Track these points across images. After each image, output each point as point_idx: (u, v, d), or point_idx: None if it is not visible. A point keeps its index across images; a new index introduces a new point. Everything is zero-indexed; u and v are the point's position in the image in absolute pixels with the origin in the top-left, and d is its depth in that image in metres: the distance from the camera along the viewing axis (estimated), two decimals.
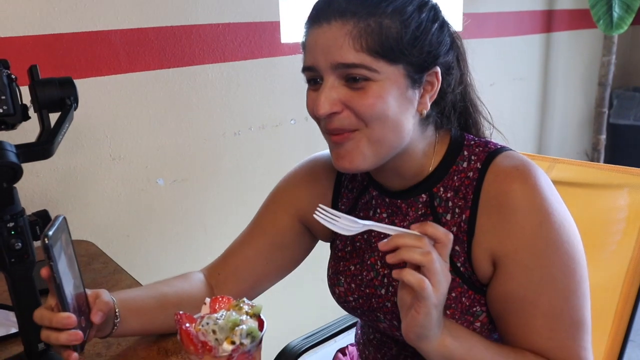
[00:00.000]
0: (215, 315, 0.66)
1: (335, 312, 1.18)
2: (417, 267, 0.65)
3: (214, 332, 0.63)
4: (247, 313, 0.66)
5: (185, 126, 1.59)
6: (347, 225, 0.71)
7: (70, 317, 0.67)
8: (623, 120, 3.20)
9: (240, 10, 1.61)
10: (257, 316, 0.67)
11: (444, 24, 0.76)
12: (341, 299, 0.92)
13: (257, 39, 1.68)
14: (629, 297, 1.09)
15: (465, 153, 0.80)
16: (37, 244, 0.80)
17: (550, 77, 2.98)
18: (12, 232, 0.74)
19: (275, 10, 1.69)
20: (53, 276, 0.65)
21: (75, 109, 0.78)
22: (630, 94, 3.26)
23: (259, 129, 1.75)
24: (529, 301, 0.74)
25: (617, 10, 2.40)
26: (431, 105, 0.77)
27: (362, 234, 0.87)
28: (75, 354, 0.69)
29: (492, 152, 0.79)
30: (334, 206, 0.93)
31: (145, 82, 1.47)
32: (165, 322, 0.89)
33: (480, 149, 0.80)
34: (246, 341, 0.63)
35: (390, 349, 0.92)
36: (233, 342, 0.63)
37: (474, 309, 0.79)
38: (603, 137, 2.96)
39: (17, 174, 0.67)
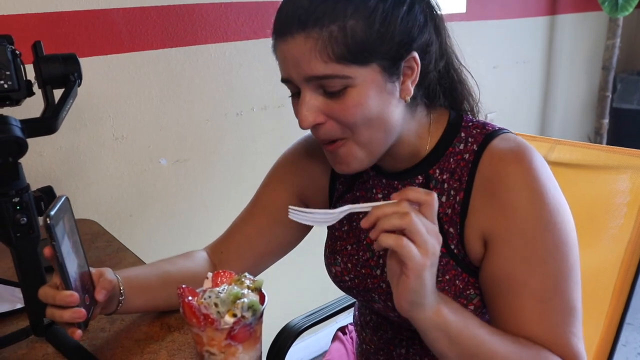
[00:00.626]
0: (217, 289, 0.67)
1: (335, 292, 1.19)
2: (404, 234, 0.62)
3: (215, 305, 0.65)
4: (248, 287, 0.68)
5: (187, 106, 1.59)
6: (323, 217, 0.68)
7: (72, 295, 0.68)
8: (626, 104, 3.19)
9: None
10: (258, 290, 0.68)
11: (413, 2, 0.71)
12: (337, 279, 0.93)
13: (260, 18, 1.67)
14: (626, 279, 1.10)
15: (463, 135, 0.80)
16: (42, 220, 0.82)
17: (554, 61, 2.97)
18: (18, 207, 0.75)
19: None
20: (55, 255, 0.66)
21: (79, 85, 0.79)
22: (635, 78, 3.24)
23: (261, 110, 1.76)
24: (518, 282, 0.73)
25: None
26: (416, 87, 0.75)
27: (357, 213, 0.88)
28: (79, 331, 0.70)
29: (489, 134, 0.78)
30: (332, 184, 0.93)
31: (147, 61, 1.47)
32: (168, 300, 0.91)
33: (478, 130, 0.79)
34: (247, 314, 0.64)
35: (386, 332, 0.93)
36: (234, 315, 0.64)
37: (468, 291, 0.79)
38: (606, 121, 2.95)
39: (23, 148, 0.68)
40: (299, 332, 1.21)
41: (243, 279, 0.69)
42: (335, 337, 1.23)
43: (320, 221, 0.69)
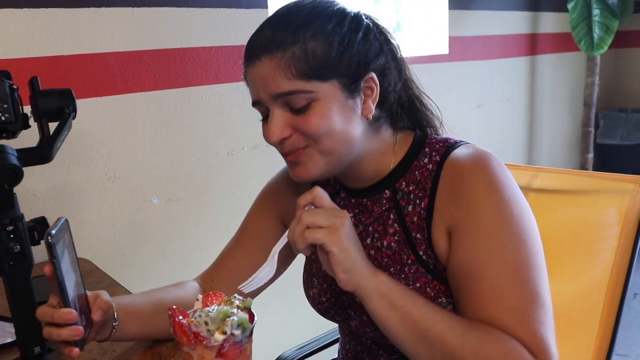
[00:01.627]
0: (207, 308, 0.68)
1: (327, 324, 1.20)
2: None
3: (206, 323, 0.66)
4: (238, 307, 0.69)
5: (179, 146, 1.62)
6: (265, 273, 0.76)
7: (71, 312, 0.70)
8: (610, 140, 3.27)
9: (233, 34, 1.67)
10: (247, 310, 0.69)
11: (368, 31, 0.79)
12: (315, 301, 0.95)
13: None
14: (613, 301, 1.12)
15: (427, 150, 0.85)
16: (35, 248, 0.83)
17: (537, 98, 3.06)
18: (11, 236, 0.77)
19: None
20: (55, 273, 0.68)
21: (74, 118, 0.82)
22: (616, 114, 3.34)
23: (252, 149, 1.79)
24: (476, 268, 0.74)
25: (597, 32, 2.49)
26: (378, 107, 0.81)
27: None
28: (76, 349, 0.72)
29: (451, 145, 0.83)
30: None
31: (140, 102, 1.52)
32: (162, 327, 0.91)
33: (441, 144, 0.84)
34: (237, 332, 0.66)
35: None
36: (224, 332, 0.65)
37: (440, 299, 0.80)
38: (590, 156, 3.01)
39: (19, 176, 0.71)
40: None
41: (232, 299, 0.70)
42: None
43: (265, 278, 0.76)
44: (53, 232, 0.67)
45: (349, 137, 0.78)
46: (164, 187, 1.61)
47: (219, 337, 0.65)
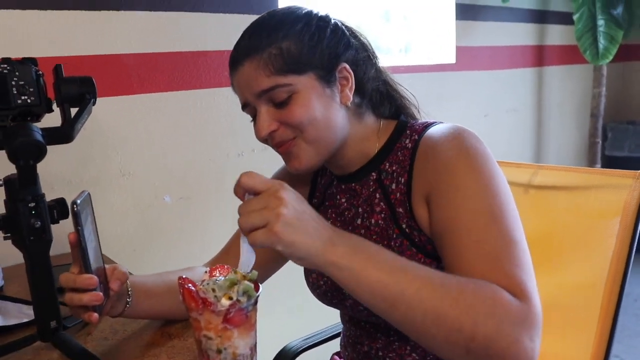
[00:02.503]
0: (215, 277, 0.73)
1: (333, 317, 1.23)
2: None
3: (213, 290, 0.70)
4: (244, 277, 0.73)
5: (191, 146, 1.68)
6: (246, 257, 0.74)
7: (92, 277, 0.75)
8: (618, 152, 3.28)
9: None
10: (253, 281, 0.73)
11: (336, 27, 0.87)
12: (314, 286, 0.99)
13: None
14: (612, 293, 1.14)
15: (408, 132, 0.90)
16: (54, 227, 0.88)
17: (544, 110, 3.09)
18: (33, 212, 0.81)
19: None
20: (79, 240, 0.73)
21: (94, 104, 0.87)
22: (624, 126, 3.36)
23: (262, 151, 1.84)
24: (455, 223, 0.76)
25: (602, 42, 2.53)
26: (358, 95, 0.88)
27: (324, 218, 0.92)
28: (95, 314, 0.76)
29: (429, 124, 0.89)
30: (309, 201, 1.02)
31: (154, 102, 1.58)
32: (173, 306, 0.96)
33: (420, 125, 0.90)
34: (243, 298, 0.69)
35: (363, 345, 0.97)
36: (230, 298, 0.69)
37: None
38: (598, 166, 3.03)
39: (42, 152, 0.75)
40: (296, 354, 1.24)
41: (238, 270, 0.74)
42: None
43: (247, 262, 0.74)
44: (78, 201, 0.72)
45: (331, 123, 0.85)
46: (176, 185, 1.66)
47: (225, 302, 0.69)
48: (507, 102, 2.85)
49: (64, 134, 0.80)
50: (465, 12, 2.51)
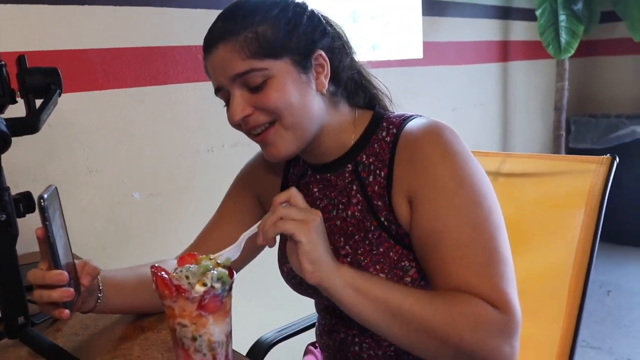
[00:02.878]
0: (188, 265, 0.72)
1: (306, 308, 1.23)
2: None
3: (187, 277, 0.69)
4: (217, 264, 0.72)
5: (160, 142, 1.66)
6: (232, 253, 0.78)
7: (62, 273, 0.72)
8: (581, 144, 3.38)
9: None
10: (227, 268, 0.73)
11: (312, 15, 0.87)
12: (289, 276, 0.98)
13: None
14: (579, 276, 1.17)
15: (384, 124, 0.90)
16: (20, 220, 0.86)
17: (510, 103, 3.15)
18: None
19: None
20: (47, 235, 0.70)
21: (60, 95, 0.85)
22: (586, 119, 3.45)
23: (232, 147, 1.83)
24: (438, 232, 0.78)
25: (563, 36, 2.60)
26: (333, 83, 0.88)
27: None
28: (66, 311, 0.74)
29: (407, 118, 0.89)
30: (284, 189, 1.00)
31: (122, 98, 1.55)
32: (145, 300, 0.94)
33: (397, 118, 0.90)
34: (217, 284, 0.69)
35: (339, 333, 0.97)
36: (205, 285, 0.68)
37: (402, 263, 0.84)
38: None
39: (7, 142, 0.73)
40: (270, 347, 1.23)
41: (211, 257, 0.74)
42: (306, 352, 1.25)
43: (232, 254, 0.78)
44: (46, 195, 0.70)
45: (308, 109, 0.84)
46: (145, 182, 1.64)
47: (199, 288, 0.68)
48: (474, 96, 2.90)
49: (29, 124, 0.79)
50: (431, 8, 2.55)
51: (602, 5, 2.99)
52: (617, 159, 1.19)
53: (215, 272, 0.69)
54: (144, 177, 1.63)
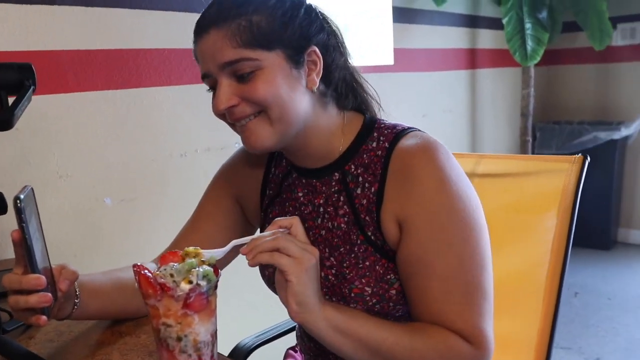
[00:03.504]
0: (172, 263, 0.70)
1: (286, 311, 1.21)
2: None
3: (171, 275, 0.68)
4: (202, 262, 0.71)
5: (132, 146, 1.62)
6: (217, 255, 0.75)
7: (39, 277, 0.68)
8: (546, 150, 3.46)
9: (186, 37, 1.69)
10: (212, 265, 0.71)
11: (310, 9, 0.84)
12: (270, 280, 0.96)
13: None
14: (555, 275, 1.19)
15: (375, 134, 0.87)
16: None
17: (478, 110, 3.22)
18: None
19: None
20: (24, 237, 0.67)
21: (34, 91, 0.83)
22: (551, 126, 3.55)
23: (205, 151, 1.81)
24: (425, 263, 0.79)
25: (530, 43, 2.67)
26: (324, 83, 0.85)
27: (282, 211, 0.95)
28: (44, 317, 0.70)
29: (399, 132, 0.86)
30: (262, 191, 1.00)
31: (92, 101, 1.51)
32: (122, 305, 0.91)
33: (389, 130, 0.87)
34: (203, 282, 0.67)
35: None
36: (190, 282, 0.67)
37: (388, 276, 0.84)
38: None
39: None
40: (249, 351, 1.21)
41: (199, 250, 0.72)
42: (286, 355, 1.24)
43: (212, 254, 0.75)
44: (22, 196, 0.66)
45: (295, 104, 0.81)
46: (117, 187, 1.60)
47: (185, 286, 0.67)
48: (444, 102, 2.95)
49: (2, 121, 0.76)
50: (401, 16, 2.58)
51: (564, 15, 3.09)
52: (589, 158, 1.22)
53: (200, 269, 0.68)
54: (116, 182, 1.59)
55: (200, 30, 0.80)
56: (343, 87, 0.89)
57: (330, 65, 0.86)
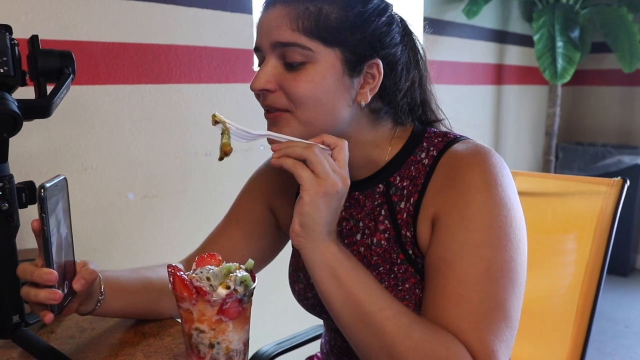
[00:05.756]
0: (208, 266, 0.67)
1: (306, 321, 1.19)
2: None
3: (208, 279, 0.65)
4: (239, 267, 0.68)
5: (158, 142, 1.60)
6: (242, 133, 0.72)
7: (51, 272, 0.65)
8: (568, 171, 3.41)
9: (217, 36, 1.68)
10: (248, 271, 0.69)
11: (392, 20, 0.77)
12: (301, 296, 0.92)
13: (232, 64, 1.74)
14: (587, 298, 1.15)
15: (425, 144, 0.80)
16: (23, 212, 0.80)
17: (502, 126, 3.17)
18: (0, 193, 0.74)
19: (250, 39, 1.77)
20: (43, 229, 0.64)
21: (73, 80, 0.81)
22: (574, 147, 3.50)
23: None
24: (447, 262, 0.70)
25: (560, 62, 2.63)
26: (381, 100, 0.78)
27: None
28: (50, 314, 0.67)
29: (451, 140, 0.79)
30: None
31: (122, 95, 1.50)
32: (147, 305, 0.89)
33: (439, 139, 0.80)
34: (240, 288, 0.65)
35: (351, 358, 0.92)
36: (228, 287, 0.64)
37: None
38: None
39: (18, 124, 0.68)
40: (269, 359, 1.18)
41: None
42: None
43: (238, 135, 0.72)
44: (47, 185, 0.64)
45: (334, 113, 0.75)
46: (140, 183, 1.58)
47: (222, 291, 0.64)
48: (468, 117, 2.91)
49: (41, 107, 0.74)
50: (432, 26, 2.55)
51: (593, 35, 3.05)
52: (628, 182, 1.18)
53: (239, 274, 0.65)
54: (140, 178, 1.57)
55: (268, 2, 0.76)
56: (406, 112, 0.81)
57: (391, 85, 0.78)
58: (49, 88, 0.80)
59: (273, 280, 1.06)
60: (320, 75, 0.73)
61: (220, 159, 0.72)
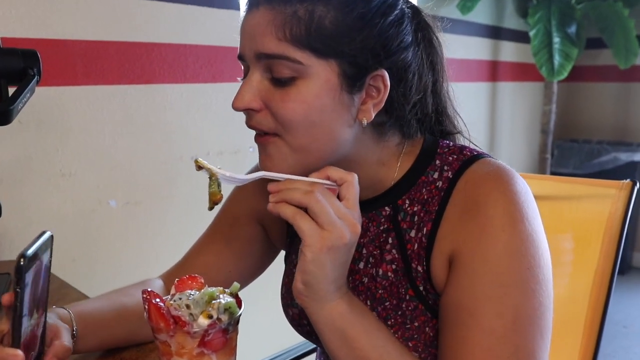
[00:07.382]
0: (188, 291, 0.60)
1: (295, 337, 1.12)
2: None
3: (187, 307, 0.58)
4: (223, 291, 0.61)
5: (141, 146, 1.53)
6: (229, 178, 0.64)
7: (17, 356, 0.55)
8: (563, 169, 3.36)
9: (203, 33, 1.61)
10: (234, 295, 0.61)
11: (403, 18, 0.65)
12: (294, 322, 0.83)
13: (219, 63, 1.67)
14: (597, 306, 1.10)
15: (437, 162, 0.71)
16: None
17: (497, 124, 3.12)
18: None
19: (237, 37, 1.69)
20: (16, 305, 0.54)
21: (38, 82, 0.73)
22: (569, 144, 3.45)
23: (217, 155, 1.71)
24: (470, 311, 0.62)
25: (557, 58, 2.58)
26: (386, 114, 0.68)
27: None
28: None
29: (467, 160, 0.69)
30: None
31: (102, 96, 1.42)
32: (125, 336, 0.81)
33: (454, 156, 0.70)
34: (224, 317, 0.57)
35: None
36: (210, 317, 0.57)
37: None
38: None
39: None
40: None
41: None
42: None
43: (226, 180, 0.64)
44: (28, 252, 0.53)
45: (332, 136, 0.64)
46: (123, 189, 1.50)
47: (203, 321, 0.56)
48: (463, 114, 2.85)
49: (1, 114, 0.66)
50: None
51: (588, 31, 3.00)
52: (638, 184, 1.12)
53: (222, 300, 0.58)
54: (122, 183, 1.50)
55: (251, 2, 0.64)
56: (416, 126, 0.72)
57: (399, 99, 0.67)
58: (11, 91, 0.72)
59: (262, 288, 0.99)
60: (312, 93, 0.62)
61: (210, 208, 0.65)
